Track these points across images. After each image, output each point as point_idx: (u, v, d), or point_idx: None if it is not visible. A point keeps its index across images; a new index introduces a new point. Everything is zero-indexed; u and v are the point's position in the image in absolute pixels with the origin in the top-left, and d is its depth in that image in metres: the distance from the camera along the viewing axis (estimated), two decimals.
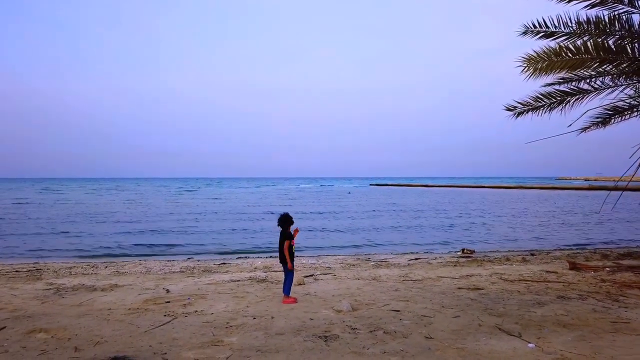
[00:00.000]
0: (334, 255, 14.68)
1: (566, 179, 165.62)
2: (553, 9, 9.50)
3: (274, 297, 7.39)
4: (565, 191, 69.85)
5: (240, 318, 6.13)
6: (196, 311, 6.54)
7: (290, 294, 7.16)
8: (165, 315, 6.31)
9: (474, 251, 14.89)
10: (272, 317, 6.17)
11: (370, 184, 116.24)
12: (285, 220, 7.06)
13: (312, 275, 9.46)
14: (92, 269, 11.38)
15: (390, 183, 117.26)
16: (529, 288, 7.97)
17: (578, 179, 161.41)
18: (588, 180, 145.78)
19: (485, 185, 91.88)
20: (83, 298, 7.42)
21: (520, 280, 8.72)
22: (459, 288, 7.95)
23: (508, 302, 6.86)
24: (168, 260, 13.64)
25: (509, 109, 11.74)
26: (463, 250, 14.95)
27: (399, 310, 6.42)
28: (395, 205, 41.54)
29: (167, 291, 7.92)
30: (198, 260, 13.73)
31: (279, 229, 7.13)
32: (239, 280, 8.96)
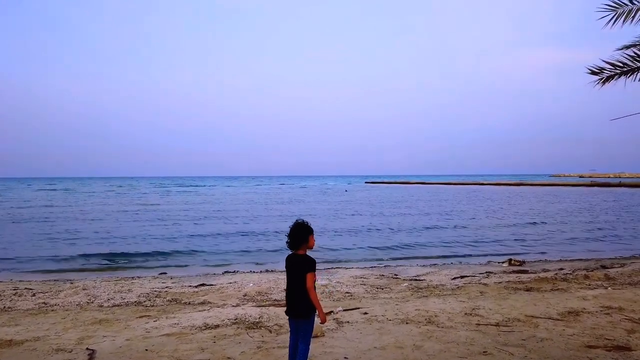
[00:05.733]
0: (347, 268, 11.47)
1: (561, 176, 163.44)
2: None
3: None
4: (567, 188, 67.50)
5: None
6: None
7: None
8: None
9: (524, 262, 11.74)
10: None
11: (366, 182, 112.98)
12: (301, 235, 3.70)
13: (330, 313, 6.18)
14: (12, 297, 8.02)
15: (385, 181, 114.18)
16: None
17: (572, 176, 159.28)
18: (582, 177, 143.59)
19: (484, 183, 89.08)
20: None
21: None
22: (589, 347, 4.72)
23: None
24: (131, 278, 10.38)
25: (594, 72, 8.38)
26: (510, 260, 11.77)
27: None
28: (393, 203, 38.42)
29: (90, 356, 4.61)
30: (171, 278, 10.47)
31: (288, 250, 3.85)
32: (217, 327, 5.65)
